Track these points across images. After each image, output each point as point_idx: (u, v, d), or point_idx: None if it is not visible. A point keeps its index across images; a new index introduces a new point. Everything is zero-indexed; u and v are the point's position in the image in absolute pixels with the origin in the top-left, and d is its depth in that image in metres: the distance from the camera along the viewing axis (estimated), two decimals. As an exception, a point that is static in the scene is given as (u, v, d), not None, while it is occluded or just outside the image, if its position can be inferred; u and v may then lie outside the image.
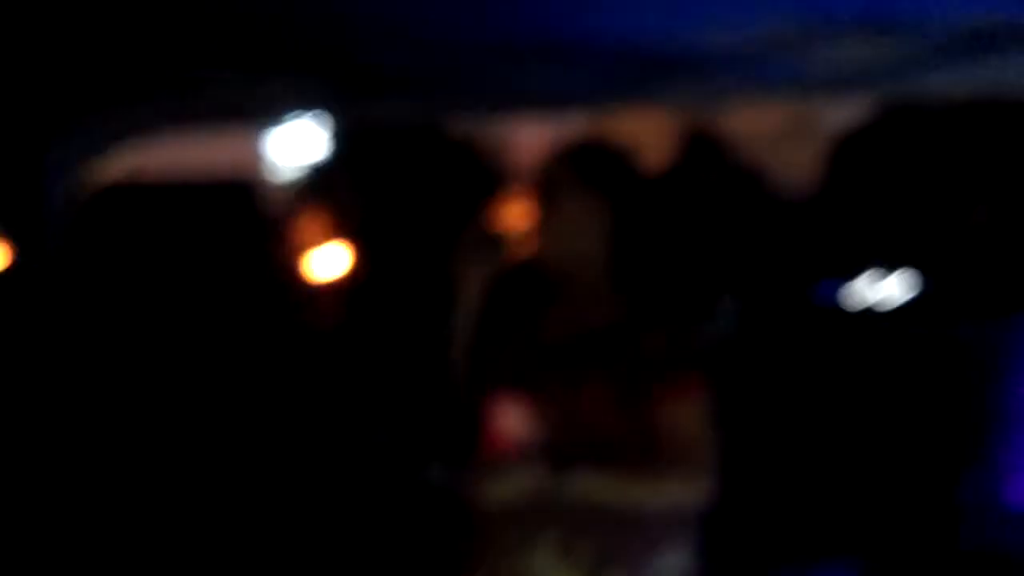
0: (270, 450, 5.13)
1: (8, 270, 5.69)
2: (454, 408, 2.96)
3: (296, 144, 6.98)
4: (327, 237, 6.52)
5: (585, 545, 2.85)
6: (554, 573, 2.86)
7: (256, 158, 6.99)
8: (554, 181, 2.97)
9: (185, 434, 5.15)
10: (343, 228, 6.54)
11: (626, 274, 2.95)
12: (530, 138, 5.48)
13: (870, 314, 5.45)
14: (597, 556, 2.85)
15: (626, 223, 2.95)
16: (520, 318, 2.99)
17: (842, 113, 6.59)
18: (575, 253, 2.95)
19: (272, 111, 5.99)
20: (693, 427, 2.86)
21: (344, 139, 6.74)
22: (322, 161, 6.88)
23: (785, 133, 7.32)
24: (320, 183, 6.83)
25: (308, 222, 6.61)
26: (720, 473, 2.86)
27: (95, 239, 6.05)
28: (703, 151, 6.06)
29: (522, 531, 2.87)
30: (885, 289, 5.47)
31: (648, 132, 6.31)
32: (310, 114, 6.29)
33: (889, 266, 5.52)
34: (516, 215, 2.94)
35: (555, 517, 2.84)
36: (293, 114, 6.14)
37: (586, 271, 2.96)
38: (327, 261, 6.50)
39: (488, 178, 6.01)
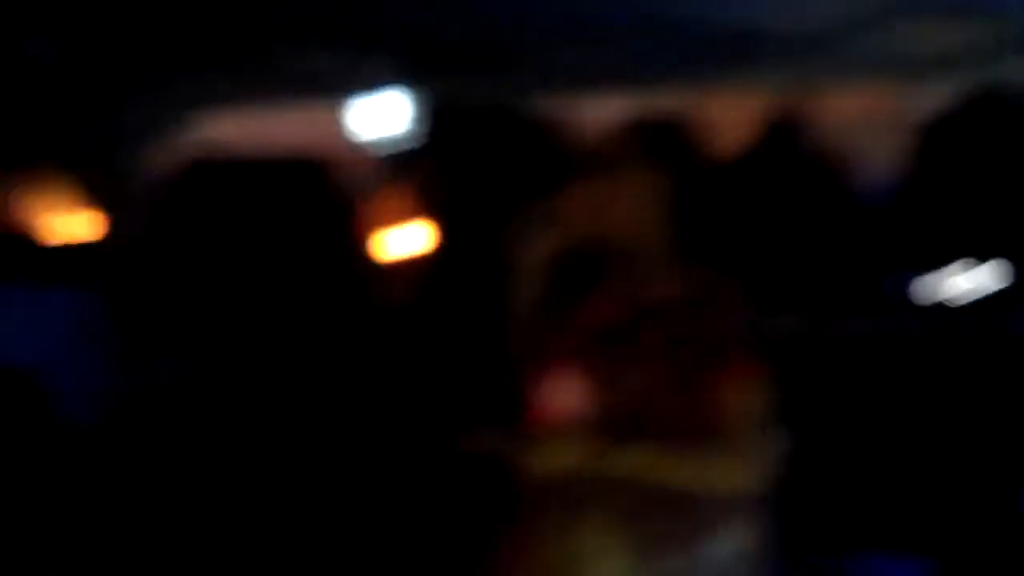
0: (332, 423, 5.15)
1: (104, 239, 5.73)
2: (508, 380, 2.94)
3: (379, 121, 6.99)
4: (405, 216, 6.51)
5: (632, 526, 2.80)
6: (600, 554, 2.82)
7: (338, 134, 7.01)
8: (618, 156, 2.94)
9: (257, 409, 5.17)
10: (422, 207, 6.54)
11: (690, 252, 2.90)
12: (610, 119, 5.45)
13: (947, 309, 5.37)
14: (644, 538, 2.80)
15: (691, 200, 2.91)
16: (579, 292, 2.96)
17: (930, 102, 6.51)
18: (637, 228, 2.90)
19: (353, 85, 6.00)
20: (751, 410, 2.79)
21: (425, 118, 6.73)
22: (402, 140, 6.88)
23: (874, 123, 7.24)
24: (400, 162, 6.83)
25: (387, 200, 6.61)
26: (783, 458, 2.80)
27: (168, 216, 6.09)
28: (783, 137, 5.99)
29: (569, 506, 2.82)
30: (963, 284, 5.40)
31: (733, 117, 6.27)
32: (391, 90, 6.29)
33: (968, 260, 5.44)
34: (582, 190, 2.90)
35: (603, 494, 2.79)
36: (374, 90, 6.15)
37: (648, 246, 2.91)
38: (404, 240, 6.49)
39: (564, 158, 5.97)
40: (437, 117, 6.50)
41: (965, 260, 5.41)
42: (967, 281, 5.39)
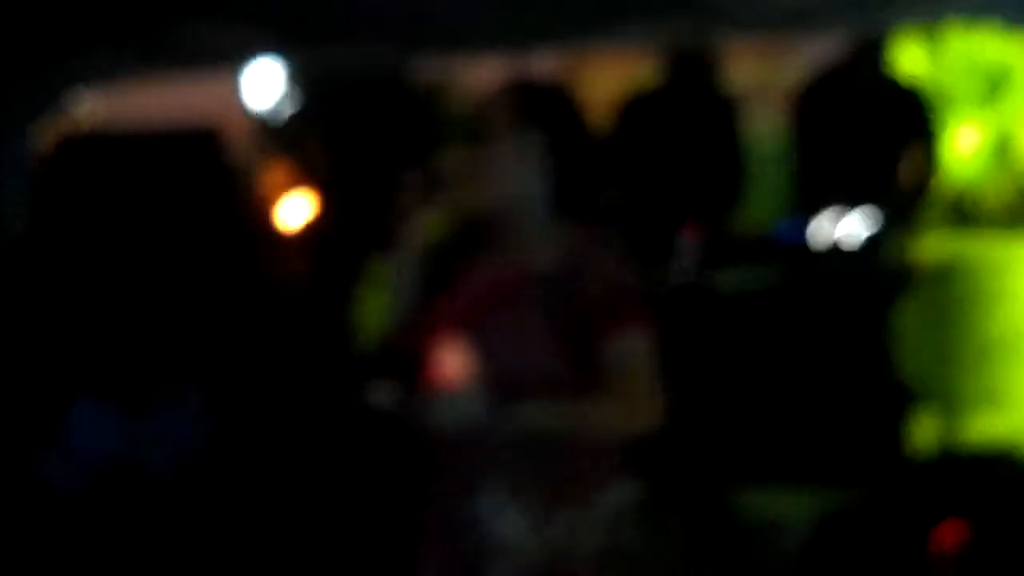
0: (233, 390, 5.17)
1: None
2: (396, 351, 2.97)
3: (262, 92, 6.96)
4: (293, 186, 6.50)
5: (530, 480, 2.85)
6: (504, 516, 2.86)
7: (223, 105, 6.95)
8: (492, 120, 2.98)
9: (153, 380, 5.16)
10: (309, 177, 6.52)
11: (571, 211, 2.96)
12: (495, 81, 5.45)
13: (830, 251, 5.46)
14: (542, 491, 2.85)
15: (568, 159, 2.96)
16: (461, 259, 3.00)
17: (811, 55, 6.57)
18: (515, 191, 2.96)
19: (235, 57, 5.95)
20: (637, 359, 2.87)
21: (308, 88, 6.72)
22: (287, 110, 6.85)
23: (756, 77, 7.28)
24: (285, 132, 6.81)
25: (274, 171, 6.59)
26: (669, 403, 2.88)
27: (56, 193, 6.03)
28: (690, 71, 5.94)
29: (467, 465, 2.87)
30: (846, 226, 5.47)
31: (612, 75, 6.27)
32: (273, 61, 6.25)
33: (850, 203, 5.52)
34: (463, 156, 2.94)
35: (500, 450, 2.84)
36: (257, 61, 6.11)
37: (527, 209, 2.97)
38: (293, 210, 6.48)
39: (444, 124, 5.97)
40: (316, 86, 6.49)
41: (842, 206, 5.51)
42: (843, 227, 5.47)
